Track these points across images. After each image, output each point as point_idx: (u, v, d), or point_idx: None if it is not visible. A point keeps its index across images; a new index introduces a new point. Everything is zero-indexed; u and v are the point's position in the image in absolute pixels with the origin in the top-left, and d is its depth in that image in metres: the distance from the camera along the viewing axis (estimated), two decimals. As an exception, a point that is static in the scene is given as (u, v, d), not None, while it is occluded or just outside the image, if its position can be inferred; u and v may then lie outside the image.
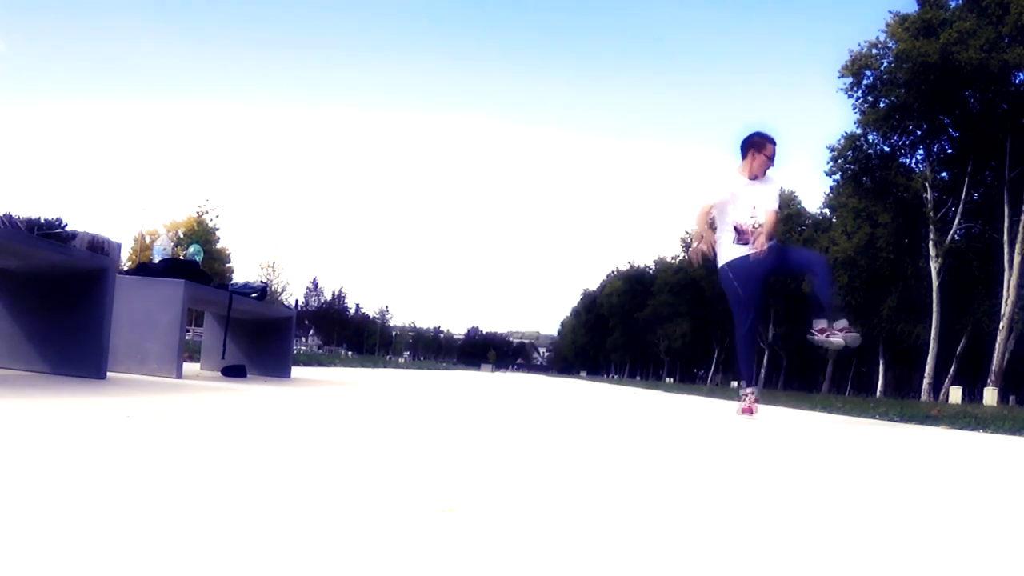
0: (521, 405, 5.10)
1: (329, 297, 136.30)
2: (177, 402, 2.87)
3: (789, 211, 55.00)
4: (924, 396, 30.68)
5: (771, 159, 5.38)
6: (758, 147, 5.34)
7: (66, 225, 3.57)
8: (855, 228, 36.90)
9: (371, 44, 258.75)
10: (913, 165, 35.59)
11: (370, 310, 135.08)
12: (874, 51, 33.07)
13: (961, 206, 33.33)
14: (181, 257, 5.38)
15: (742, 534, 1.16)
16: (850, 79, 33.46)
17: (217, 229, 45.05)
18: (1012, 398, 33.55)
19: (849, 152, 34.95)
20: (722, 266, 5.35)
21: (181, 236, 40.01)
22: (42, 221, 3.47)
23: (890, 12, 33.04)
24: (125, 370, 4.56)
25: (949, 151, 35.08)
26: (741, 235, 5.34)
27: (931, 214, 33.66)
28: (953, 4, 31.81)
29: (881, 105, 33.22)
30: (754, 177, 5.34)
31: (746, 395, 5.36)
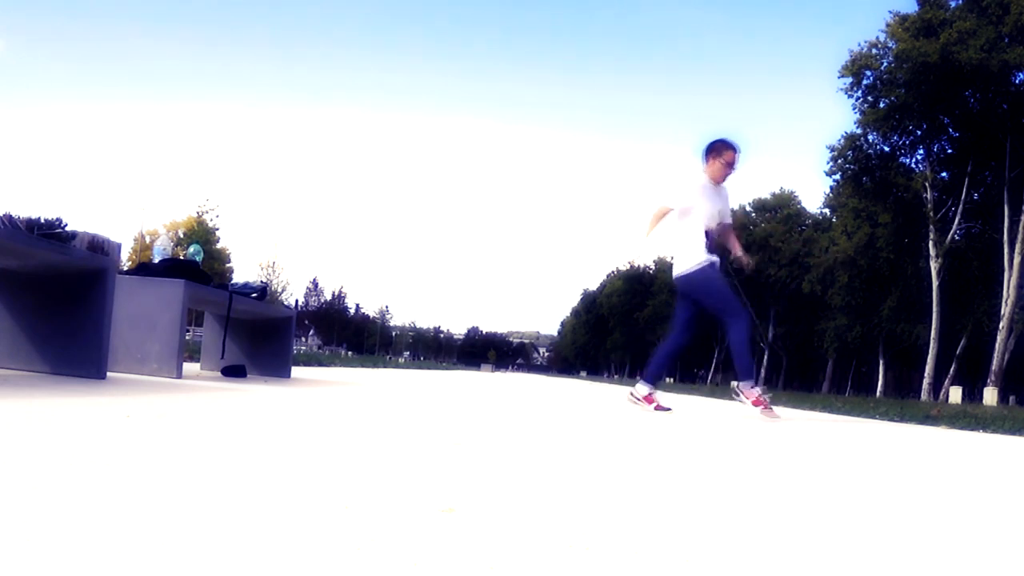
0: (520, 406, 5.10)
1: (329, 297, 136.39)
2: (177, 402, 2.87)
3: (789, 211, 55.04)
4: (924, 396, 30.67)
5: (730, 166, 5.36)
6: (717, 152, 5.34)
7: (66, 225, 3.57)
8: (855, 228, 36.89)
9: (371, 44, 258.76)
10: (913, 165, 35.61)
11: (370, 310, 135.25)
12: (874, 51, 33.07)
13: (961, 206, 33.33)
14: (181, 257, 5.38)
15: (743, 534, 1.16)
16: (850, 79, 33.46)
17: (217, 229, 45.08)
18: (1012, 398, 33.55)
19: (849, 152, 34.94)
20: (703, 266, 5.25)
21: (181, 236, 40.02)
22: (42, 221, 3.46)
23: (890, 12, 33.07)
24: (125, 370, 4.56)
25: (949, 151, 35.07)
26: (709, 239, 5.29)
27: (931, 214, 33.66)
28: (953, 4, 31.80)
29: (881, 105, 33.21)
30: (716, 183, 5.34)
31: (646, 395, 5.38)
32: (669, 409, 5.36)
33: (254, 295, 5.74)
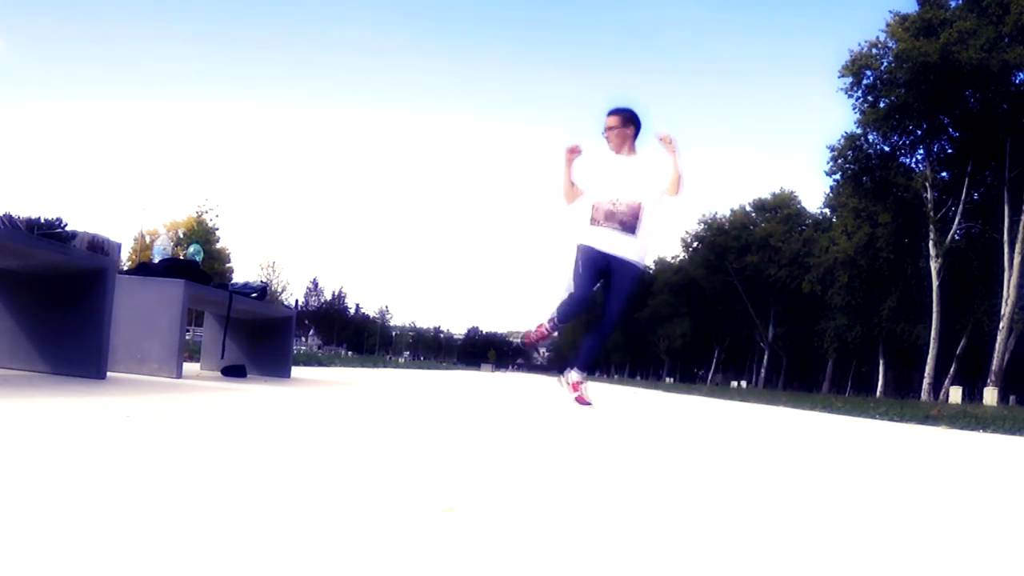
0: (520, 406, 5.10)
1: (329, 297, 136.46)
2: (177, 402, 2.87)
3: (789, 211, 55.03)
4: (924, 396, 30.67)
5: (608, 130, 5.09)
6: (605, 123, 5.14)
7: (66, 225, 3.57)
8: (855, 228, 36.89)
9: (371, 44, 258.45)
10: (913, 165, 35.62)
11: (370, 310, 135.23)
12: (874, 51, 33.08)
13: (961, 206, 33.33)
14: (181, 257, 5.38)
15: (743, 534, 1.16)
16: (850, 79, 33.47)
17: (217, 229, 45.04)
18: (1012, 398, 33.53)
19: (849, 152, 34.96)
20: (577, 244, 5.11)
21: (181, 236, 40.00)
22: (42, 221, 3.46)
23: (890, 12, 33.07)
24: (125, 370, 4.56)
25: (949, 151, 35.09)
26: (594, 216, 5.05)
27: (931, 214, 33.66)
28: (953, 4, 31.80)
29: (881, 105, 33.22)
30: (619, 153, 5.09)
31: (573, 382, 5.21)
32: (590, 404, 5.21)
33: (254, 295, 5.74)
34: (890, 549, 1.12)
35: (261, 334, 6.51)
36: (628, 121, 5.14)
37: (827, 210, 46.06)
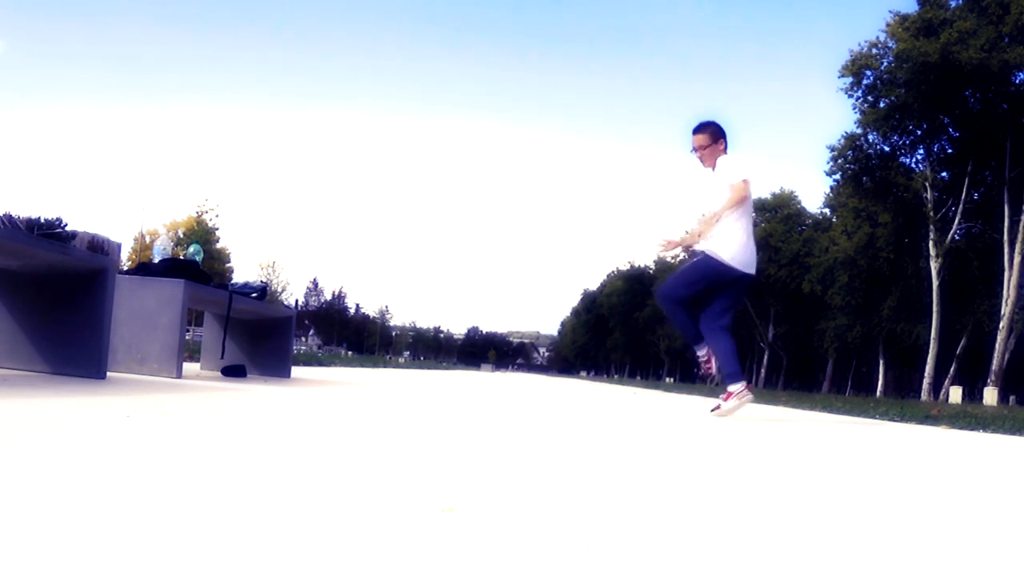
0: (520, 406, 5.09)
1: (329, 297, 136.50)
2: (177, 402, 2.87)
3: (789, 211, 55.02)
4: (924, 396, 30.66)
5: (695, 150, 5.07)
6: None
7: (66, 225, 3.57)
8: (855, 228, 36.90)
9: (371, 44, 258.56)
10: (913, 165, 35.62)
11: (370, 310, 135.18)
12: (874, 51, 33.08)
13: (961, 206, 33.34)
14: (181, 257, 5.38)
15: (743, 534, 1.16)
16: (850, 79, 33.47)
17: (217, 229, 45.04)
18: (1012, 398, 33.53)
19: (849, 152, 34.95)
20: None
21: (181, 236, 39.98)
22: (42, 221, 3.46)
23: (890, 12, 33.07)
24: (125, 370, 4.56)
25: (949, 151, 35.09)
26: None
27: (931, 214, 33.67)
28: (953, 4, 31.80)
29: (881, 105, 33.22)
30: (711, 168, 5.11)
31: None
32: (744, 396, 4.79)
33: (254, 295, 5.74)
34: (891, 549, 1.12)
35: (261, 334, 6.51)
36: (716, 136, 5.10)
37: (827, 210, 46.05)
